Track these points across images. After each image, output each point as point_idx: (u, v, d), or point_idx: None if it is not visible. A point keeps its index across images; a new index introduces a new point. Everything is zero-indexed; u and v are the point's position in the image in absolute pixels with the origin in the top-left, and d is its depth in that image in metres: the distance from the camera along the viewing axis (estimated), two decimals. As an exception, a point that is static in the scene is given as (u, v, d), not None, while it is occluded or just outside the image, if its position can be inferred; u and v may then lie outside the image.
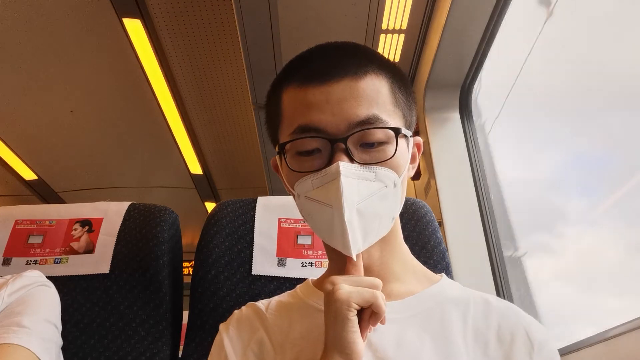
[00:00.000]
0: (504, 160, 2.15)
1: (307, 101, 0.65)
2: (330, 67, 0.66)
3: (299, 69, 0.69)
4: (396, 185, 0.66)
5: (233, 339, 0.73)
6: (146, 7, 2.48)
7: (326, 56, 0.70)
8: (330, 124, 0.64)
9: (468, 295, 0.74)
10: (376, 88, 0.67)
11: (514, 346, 0.67)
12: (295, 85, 0.68)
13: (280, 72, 0.73)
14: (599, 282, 1.64)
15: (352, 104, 0.64)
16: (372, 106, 0.65)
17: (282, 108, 0.70)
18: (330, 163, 0.63)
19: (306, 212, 0.68)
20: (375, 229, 0.65)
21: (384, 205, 0.65)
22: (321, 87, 0.65)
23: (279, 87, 0.71)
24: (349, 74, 0.66)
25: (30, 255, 1.12)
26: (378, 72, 0.68)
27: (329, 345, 0.60)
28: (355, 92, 0.65)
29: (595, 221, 1.67)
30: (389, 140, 0.65)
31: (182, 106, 3.36)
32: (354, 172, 0.63)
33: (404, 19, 1.99)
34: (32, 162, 3.99)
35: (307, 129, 0.65)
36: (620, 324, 1.18)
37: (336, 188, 0.61)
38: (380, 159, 0.65)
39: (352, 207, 0.61)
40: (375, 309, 0.59)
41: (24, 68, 2.90)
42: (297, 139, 0.66)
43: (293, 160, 0.67)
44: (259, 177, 3.65)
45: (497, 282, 1.88)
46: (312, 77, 0.66)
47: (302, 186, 0.66)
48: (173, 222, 1.18)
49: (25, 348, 0.76)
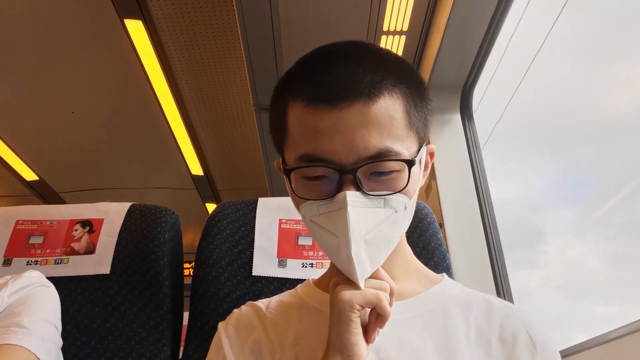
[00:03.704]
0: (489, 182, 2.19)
1: (315, 127, 0.61)
2: (341, 87, 0.61)
3: (307, 83, 0.64)
4: (407, 207, 0.64)
5: (232, 338, 0.72)
6: (147, 8, 2.48)
7: (336, 69, 0.63)
8: (339, 154, 0.60)
9: (470, 296, 0.73)
10: (389, 113, 0.62)
11: (516, 347, 0.67)
12: (301, 104, 0.63)
13: (284, 79, 0.68)
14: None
15: (363, 134, 0.60)
16: (384, 137, 0.61)
17: (288, 125, 0.66)
18: (338, 191, 0.61)
19: (312, 234, 0.66)
20: (383, 253, 0.63)
21: (393, 230, 0.63)
22: (330, 111, 0.60)
23: (284, 98, 0.66)
24: (361, 96, 0.60)
25: (31, 256, 1.12)
26: (393, 91, 0.63)
27: (331, 345, 0.60)
28: (367, 119, 0.60)
29: (572, 241, 1.80)
30: (401, 168, 0.62)
31: (183, 107, 3.36)
32: (362, 201, 0.60)
33: (405, 21, 1.99)
34: (33, 162, 3.99)
35: (315, 158, 0.61)
36: (620, 327, 1.18)
37: (343, 219, 0.59)
38: (391, 190, 0.62)
39: (359, 240, 0.59)
40: (380, 311, 0.59)
41: (25, 68, 2.90)
42: (304, 167, 0.63)
43: (299, 185, 0.64)
44: (259, 178, 3.65)
45: (497, 283, 1.88)
46: (321, 99, 0.61)
47: (308, 210, 0.64)
48: (174, 223, 1.18)
49: (25, 349, 0.76)
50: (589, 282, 1.75)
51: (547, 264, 1.94)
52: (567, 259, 1.90)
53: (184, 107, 3.37)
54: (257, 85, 2.27)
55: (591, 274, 1.79)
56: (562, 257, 1.92)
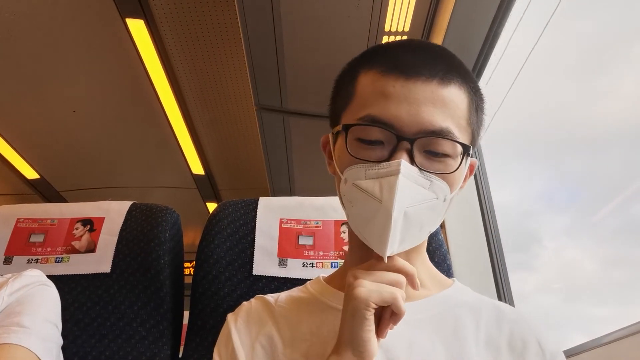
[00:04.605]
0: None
1: (385, 91, 0.64)
2: (418, 64, 0.64)
3: (384, 56, 0.67)
4: (446, 200, 0.64)
5: (241, 331, 0.72)
6: (149, 7, 2.48)
7: (415, 51, 0.67)
8: (403, 122, 0.62)
9: (480, 301, 0.73)
10: (456, 101, 0.65)
11: (525, 354, 0.66)
12: (377, 71, 0.65)
13: (359, 56, 0.72)
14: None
15: (430, 109, 0.62)
16: (448, 118, 0.63)
17: (356, 90, 0.68)
18: (390, 159, 0.62)
19: (347, 198, 0.65)
20: (414, 236, 0.64)
21: (429, 216, 0.64)
22: (404, 81, 0.63)
23: (356, 68, 0.69)
24: (435, 77, 0.64)
25: (32, 254, 1.12)
26: (462, 85, 0.66)
27: (342, 340, 0.60)
28: (437, 99, 0.63)
29: (565, 244, 1.85)
30: (454, 155, 0.64)
31: (184, 106, 3.36)
32: (412, 175, 0.61)
33: (407, 21, 1.99)
34: (35, 161, 4.00)
35: (377, 120, 0.63)
36: (617, 330, 1.19)
37: (391, 185, 0.59)
38: (441, 171, 0.63)
39: (401, 208, 0.59)
40: (395, 309, 0.59)
41: (26, 67, 2.91)
42: (365, 124, 0.64)
43: (352, 145, 0.65)
44: (260, 177, 3.65)
45: (498, 284, 1.87)
46: (397, 69, 0.64)
47: (353, 173, 0.64)
48: (174, 222, 1.18)
49: (26, 348, 0.76)
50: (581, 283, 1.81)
51: (543, 267, 1.98)
52: (563, 262, 1.95)
53: (185, 106, 3.37)
54: (258, 84, 2.26)
55: (584, 276, 1.85)
56: (558, 259, 1.96)
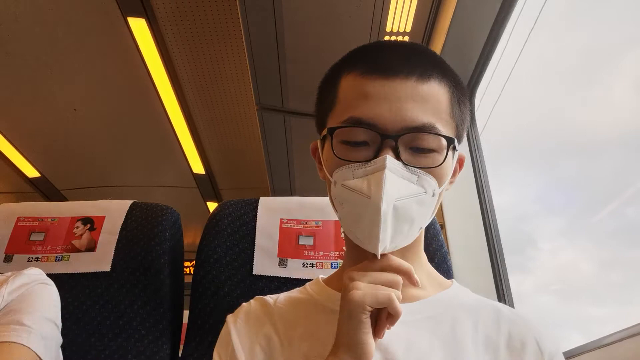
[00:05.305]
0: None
1: (366, 92, 0.65)
2: (396, 63, 0.65)
3: (363, 58, 0.68)
4: (434, 194, 0.65)
5: (241, 332, 0.72)
6: (151, 6, 2.48)
7: (393, 51, 0.69)
8: (385, 120, 0.63)
9: (479, 302, 0.73)
10: (438, 95, 0.66)
11: (524, 355, 0.66)
12: (356, 74, 0.67)
13: (340, 60, 0.72)
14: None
15: (411, 105, 0.63)
16: (430, 113, 0.64)
17: (338, 93, 0.69)
18: (376, 157, 0.62)
19: (338, 200, 0.66)
20: (405, 232, 0.64)
21: (419, 211, 0.64)
22: (383, 81, 0.64)
23: (337, 73, 0.70)
24: (413, 74, 0.65)
25: (32, 253, 1.12)
26: (441, 80, 0.67)
27: (339, 342, 0.60)
28: (417, 95, 0.64)
29: (560, 246, 1.89)
30: (439, 149, 0.64)
31: (185, 105, 3.36)
32: (399, 170, 0.62)
33: (409, 21, 1.99)
34: (36, 159, 4.00)
35: (360, 121, 0.64)
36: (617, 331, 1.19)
37: (378, 180, 0.60)
38: (426, 165, 0.64)
39: (390, 201, 0.60)
40: (392, 311, 0.58)
41: (27, 65, 2.91)
42: (348, 126, 0.64)
43: (338, 148, 0.66)
44: (261, 177, 3.65)
45: (498, 285, 1.87)
46: (376, 69, 0.65)
47: (342, 174, 0.64)
48: (175, 222, 1.18)
49: (25, 346, 0.76)
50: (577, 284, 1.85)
51: (539, 268, 2.01)
52: (558, 264, 1.98)
53: (186, 105, 3.37)
54: (259, 84, 2.27)
55: (580, 277, 1.89)
56: (553, 261, 2.00)
